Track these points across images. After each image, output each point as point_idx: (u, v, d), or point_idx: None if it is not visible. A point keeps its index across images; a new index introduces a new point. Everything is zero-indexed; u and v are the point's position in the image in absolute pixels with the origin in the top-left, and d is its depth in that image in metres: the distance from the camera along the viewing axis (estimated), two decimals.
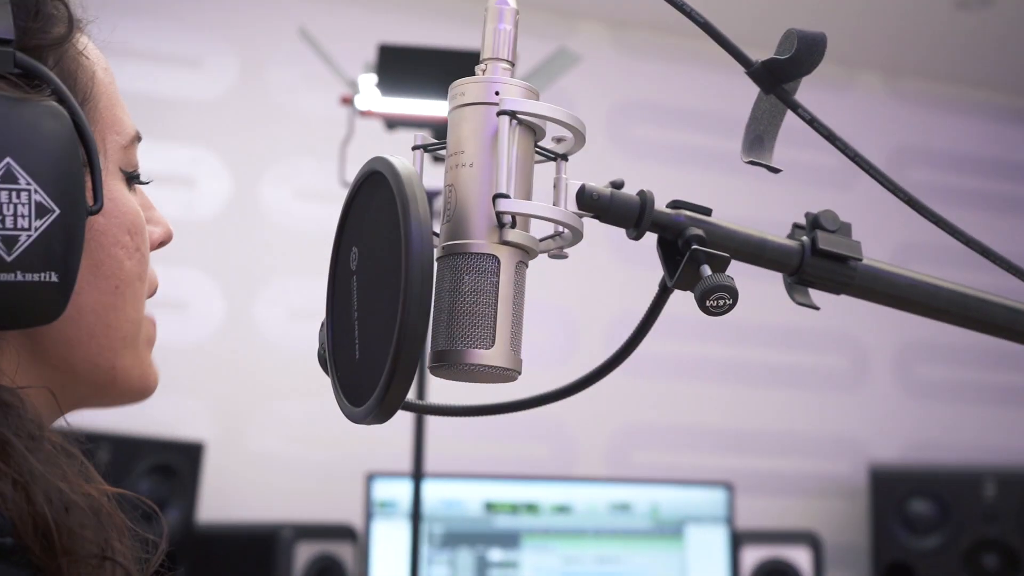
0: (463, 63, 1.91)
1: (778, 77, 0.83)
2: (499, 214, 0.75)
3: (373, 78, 1.91)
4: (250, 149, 2.86)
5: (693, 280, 0.80)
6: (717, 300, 0.79)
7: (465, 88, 0.78)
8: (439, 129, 1.96)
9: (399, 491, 2.62)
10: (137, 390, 0.84)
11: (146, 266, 0.82)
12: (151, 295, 0.86)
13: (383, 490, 2.63)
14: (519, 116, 0.77)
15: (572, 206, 0.81)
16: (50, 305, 0.72)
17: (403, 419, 2.84)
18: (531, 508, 2.75)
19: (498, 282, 0.76)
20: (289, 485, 2.79)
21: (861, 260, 0.86)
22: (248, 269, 2.84)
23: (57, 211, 0.70)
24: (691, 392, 3.24)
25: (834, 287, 0.87)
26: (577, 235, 0.81)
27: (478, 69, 0.80)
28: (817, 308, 0.86)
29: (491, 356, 0.75)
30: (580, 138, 0.81)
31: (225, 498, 2.70)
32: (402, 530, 2.59)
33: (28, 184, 0.69)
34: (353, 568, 2.56)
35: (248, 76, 2.88)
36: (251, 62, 2.89)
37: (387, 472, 2.66)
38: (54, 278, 0.71)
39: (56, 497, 0.69)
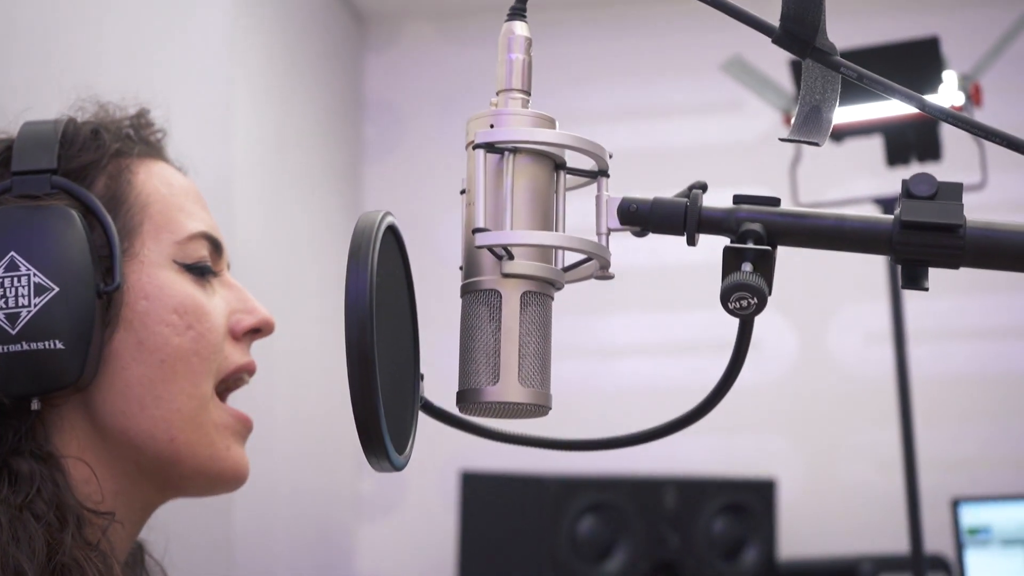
0: (900, 57, 1.78)
1: (805, 36, 0.73)
2: (489, 248, 0.74)
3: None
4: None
5: None
6: (739, 300, 0.71)
7: (470, 125, 0.79)
8: (892, 130, 1.83)
9: (992, 516, 2.42)
10: (214, 473, 0.93)
11: (205, 344, 0.91)
12: (243, 371, 0.96)
13: (972, 516, 2.44)
14: (507, 147, 0.76)
15: (615, 222, 0.78)
16: (62, 369, 0.85)
17: (989, 436, 2.62)
18: None
19: (501, 316, 0.75)
20: (869, 517, 2.69)
21: (962, 225, 0.72)
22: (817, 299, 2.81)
23: (56, 289, 0.85)
24: None
25: (944, 260, 0.73)
26: (598, 256, 0.77)
27: (491, 103, 0.79)
28: (926, 289, 0.73)
29: (496, 392, 0.74)
30: (595, 155, 0.77)
31: (803, 534, 2.67)
32: (999, 559, 2.38)
33: (28, 270, 0.85)
34: None
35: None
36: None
37: (975, 497, 2.46)
38: (59, 345, 0.85)
39: (15, 566, 0.81)
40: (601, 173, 0.79)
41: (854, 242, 0.74)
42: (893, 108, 1.80)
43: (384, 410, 0.70)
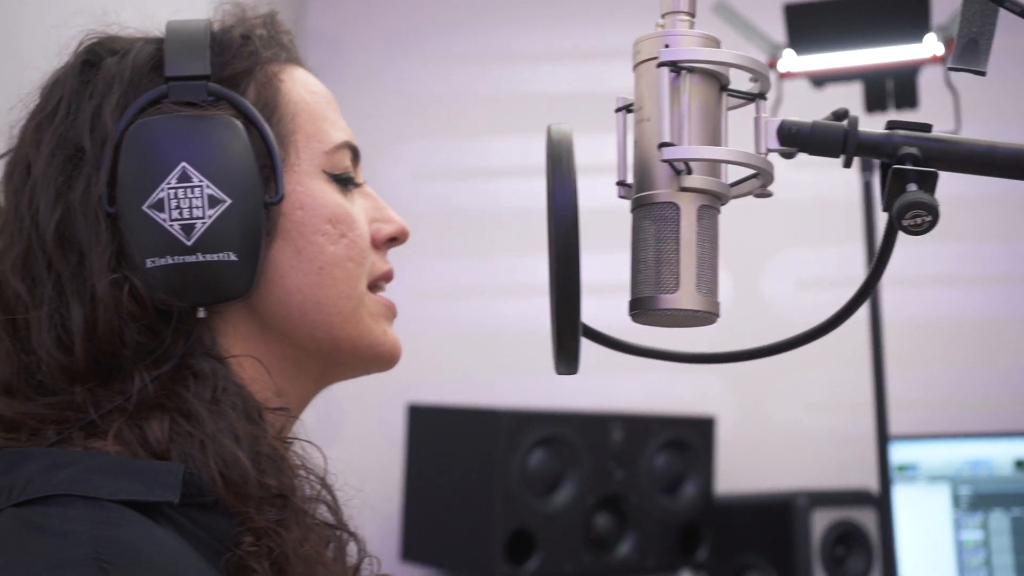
0: (876, 6, 1.85)
1: None
2: (669, 162, 0.77)
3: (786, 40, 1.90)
4: None
5: None
6: (914, 218, 0.76)
7: (641, 45, 0.81)
8: (872, 78, 1.91)
9: (920, 454, 2.55)
10: (373, 358, 0.96)
11: (358, 251, 0.94)
12: (383, 279, 0.98)
13: (902, 453, 2.57)
14: (686, 65, 0.79)
15: (774, 143, 0.81)
16: (234, 280, 0.86)
17: (921, 378, 2.74)
18: None
19: (679, 228, 0.78)
20: (803, 454, 2.81)
21: None
22: (755, 244, 2.89)
23: (229, 201, 0.85)
24: None
25: None
26: (765, 174, 0.81)
27: (657, 24, 0.82)
28: None
29: (676, 299, 0.77)
30: (762, 75, 0.81)
31: (741, 470, 2.77)
32: (926, 494, 2.52)
33: (200, 181, 0.85)
34: (876, 534, 2.52)
35: None
36: None
37: (905, 435, 2.59)
38: (233, 257, 0.85)
39: (227, 453, 0.82)
40: (760, 95, 0.82)
41: (1005, 168, 0.79)
42: (873, 56, 1.88)
43: None
